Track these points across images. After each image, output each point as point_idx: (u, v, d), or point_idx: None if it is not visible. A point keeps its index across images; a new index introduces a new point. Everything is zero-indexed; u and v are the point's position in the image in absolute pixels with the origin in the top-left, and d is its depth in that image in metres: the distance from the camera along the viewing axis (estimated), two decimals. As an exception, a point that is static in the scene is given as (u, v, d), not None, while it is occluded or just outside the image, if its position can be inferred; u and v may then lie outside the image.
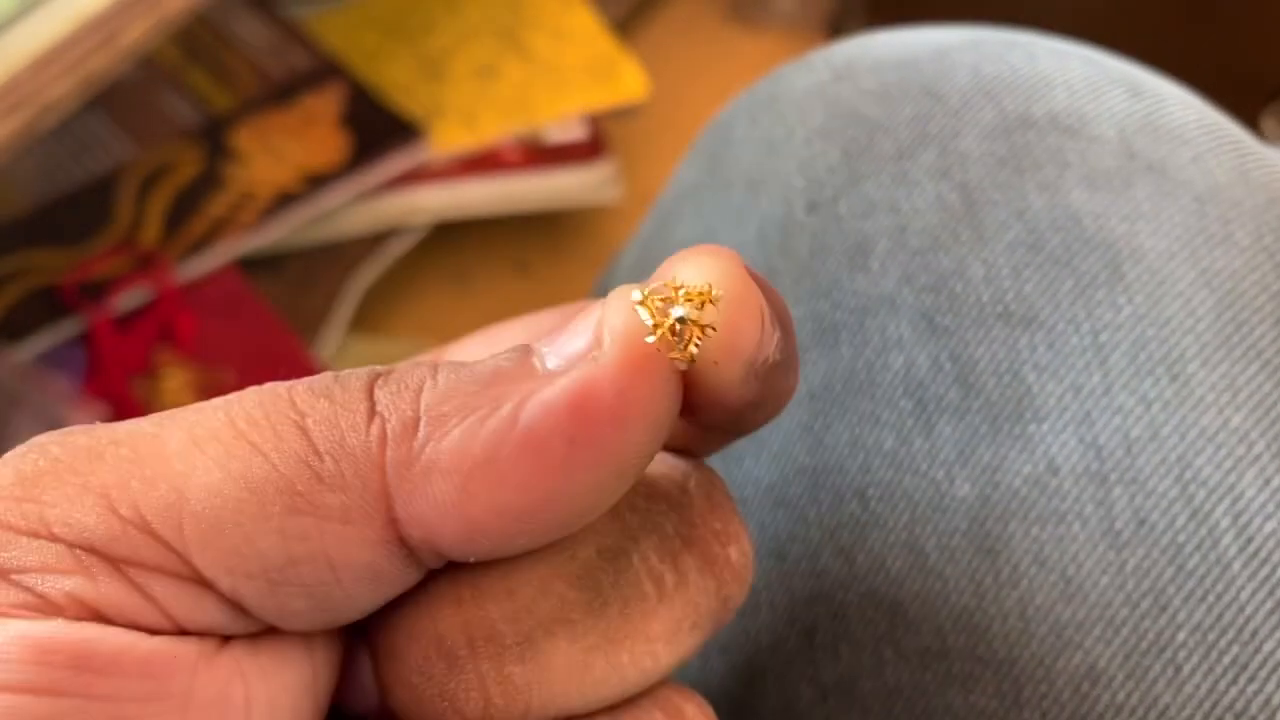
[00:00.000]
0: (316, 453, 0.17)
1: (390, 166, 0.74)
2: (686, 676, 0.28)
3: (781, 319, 0.18)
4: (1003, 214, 0.28)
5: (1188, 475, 0.25)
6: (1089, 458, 0.25)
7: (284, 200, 0.72)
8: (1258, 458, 0.24)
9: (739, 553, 0.20)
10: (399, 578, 0.18)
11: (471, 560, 0.18)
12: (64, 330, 0.69)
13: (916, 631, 0.25)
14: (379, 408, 0.17)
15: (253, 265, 0.73)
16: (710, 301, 0.17)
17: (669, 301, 0.17)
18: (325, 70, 0.76)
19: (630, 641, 0.18)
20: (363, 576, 0.17)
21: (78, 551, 0.16)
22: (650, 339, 0.17)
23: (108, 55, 0.59)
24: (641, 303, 0.17)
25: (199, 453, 0.17)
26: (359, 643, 0.19)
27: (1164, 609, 0.24)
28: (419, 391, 0.17)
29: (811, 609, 0.27)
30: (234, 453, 0.17)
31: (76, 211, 0.71)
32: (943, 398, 0.26)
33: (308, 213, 0.73)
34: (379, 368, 0.18)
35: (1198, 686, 0.23)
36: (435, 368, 0.18)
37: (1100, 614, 0.24)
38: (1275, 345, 0.26)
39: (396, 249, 0.76)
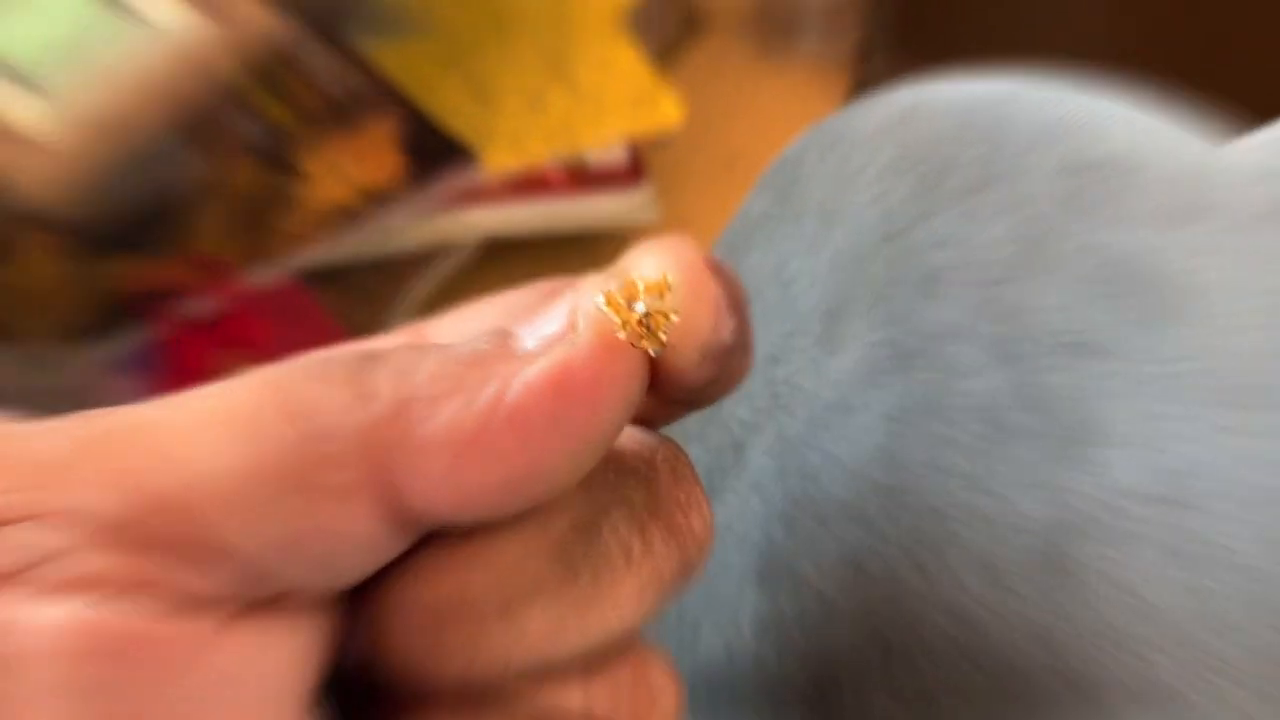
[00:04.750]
0: (321, 435, 0.17)
1: (443, 187, 0.73)
2: (763, 682, 0.28)
3: (737, 306, 0.19)
4: (1070, 248, 0.27)
5: (1262, 502, 0.24)
6: (1160, 482, 0.24)
7: (344, 216, 0.71)
8: None
9: (700, 522, 0.20)
10: (392, 546, 0.18)
11: (459, 527, 0.18)
12: (137, 335, 0.68)
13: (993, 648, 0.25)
14: (374, 389, 0.17)
15: (314, 276, 0.72)
16: (667, 289, 0.18)
17: (632, 295, 0.18)
18: (384, 96, 0.76)
19: (600, 606, 0.19)
20: (363, 547, 0.18)
21: (102, 534, 0.16)
22: (620, 333, 0.18)
23: (198, 85, 0.59)
24: (608, 296, 0.18)
25: (214, 437, 0.16)
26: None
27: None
28: (410, 374, 0.18)
29: (890, 621, 0.26)
30: (245, 437, 0.17)
31: (151, 223, 0.70)
32: (1016, 422, 0.26)
33: (366, 229, 0.72)
34: (368, 350, 0.18)
35: None
36: (422, 351, 0.18)
37: (1172, 632, 0.23)
38: None
39: (448, 264, 0.75)
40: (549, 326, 0.18)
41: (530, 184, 0.76)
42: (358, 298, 0.73)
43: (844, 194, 0.31)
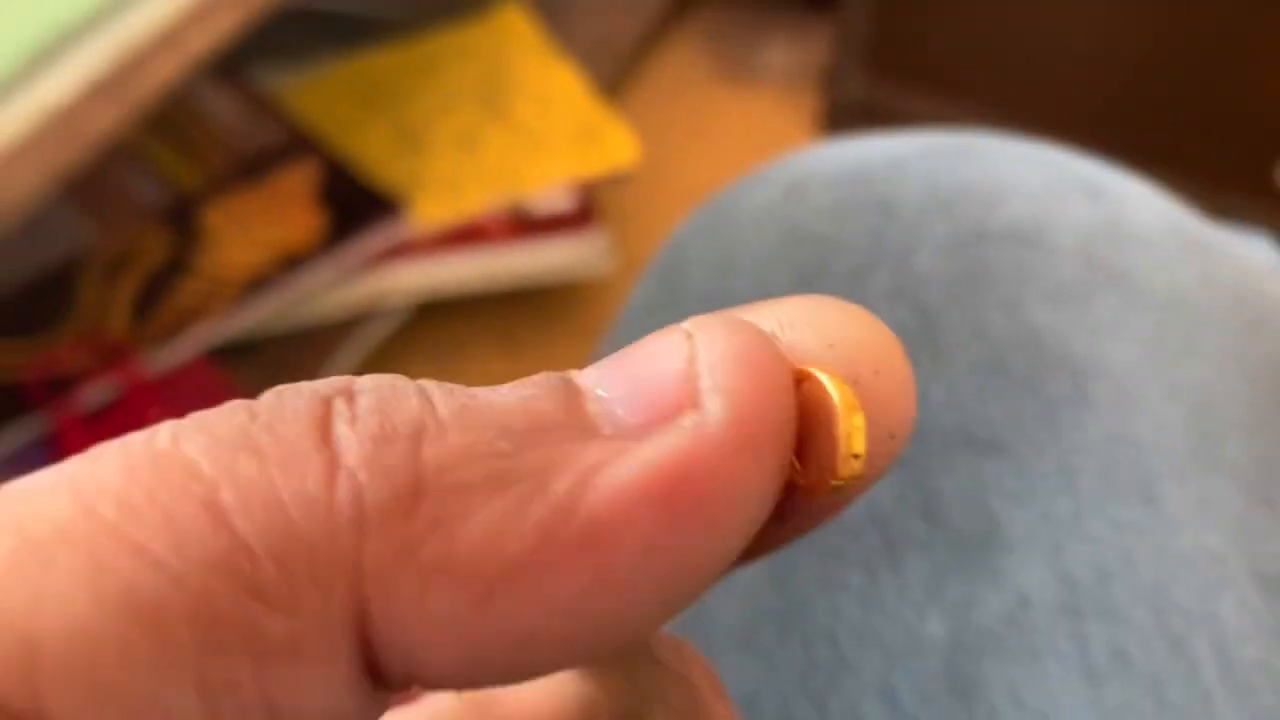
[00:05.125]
0: (247, 550, 0.11)
1: (369, 244, 0.66)
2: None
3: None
4: (962, 334, 0.27)
5: (1163, 602, 0.24)
6: (1061, 590, 0.24)
7: (258, 284, 0.64)
8: (1234, 580, 0.24)
9: None
10: (360, 717, 0.12)
11: (452, 691, 0.15)
12: (27, 430, 0.60)
13: None
14: (346, 460, 0.11)
15: (226, 353, 0.65)
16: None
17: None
18: (298, 144, 0.68)
19: None
20: None
21: None
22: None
23: (76, 147, 0.52)
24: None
25: (45, 568, 0.10)
26: None
27: None
28: (416, 437, 0.11)
29: None
30: (103, 561, 0.10)
31: (37, 301, 0.63)
32: (909, 531, 0.25)
33: (283, 296, 0.64)
34: (335, 383, 0.11)
35: None
36: (434, 393, 0.11)
37: None
38: (1248, 456, 0.25)
39: (378, 330, 0.68)
40: (655, 387, 0.12)
41: (467, 235, 0.69)
42: (277, 375, 0.65)
43: (725, 283, 0.30)
